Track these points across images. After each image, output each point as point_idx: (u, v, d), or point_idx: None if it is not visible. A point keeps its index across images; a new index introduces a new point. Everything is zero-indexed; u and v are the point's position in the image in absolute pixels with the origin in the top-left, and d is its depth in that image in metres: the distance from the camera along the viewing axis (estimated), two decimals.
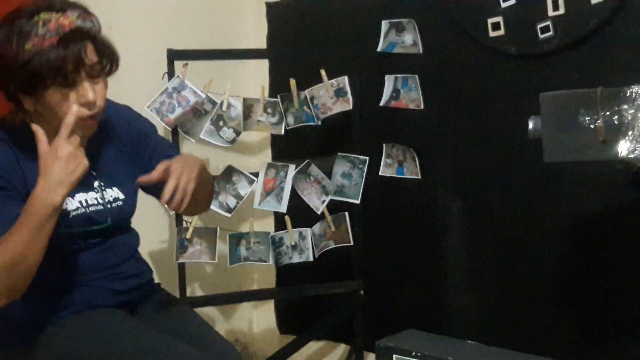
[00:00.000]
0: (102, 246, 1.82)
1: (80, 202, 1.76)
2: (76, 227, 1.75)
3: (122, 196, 1.85)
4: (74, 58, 1.58)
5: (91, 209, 1.78)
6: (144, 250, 2.02)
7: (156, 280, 2.06)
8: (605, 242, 2.39)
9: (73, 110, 1.59)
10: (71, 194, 1.69)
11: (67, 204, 1.71)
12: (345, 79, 2.68)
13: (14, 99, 1.66)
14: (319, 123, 2.71)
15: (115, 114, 1.88)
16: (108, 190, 1.82)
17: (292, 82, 2.69)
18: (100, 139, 1.81)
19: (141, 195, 1.93)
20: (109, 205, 1.81)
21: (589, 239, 2.43)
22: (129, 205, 1.88)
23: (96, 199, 1.79)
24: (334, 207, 2.77)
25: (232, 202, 2.66)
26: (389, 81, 2.66)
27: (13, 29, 1.58)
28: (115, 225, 1.83)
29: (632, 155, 1.72)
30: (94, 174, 1.80)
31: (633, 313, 2.34)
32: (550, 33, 2.38)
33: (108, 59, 1.69)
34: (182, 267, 2.66)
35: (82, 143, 1.68)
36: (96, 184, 1.80)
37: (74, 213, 1.75)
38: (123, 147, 1.88)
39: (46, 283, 1.70)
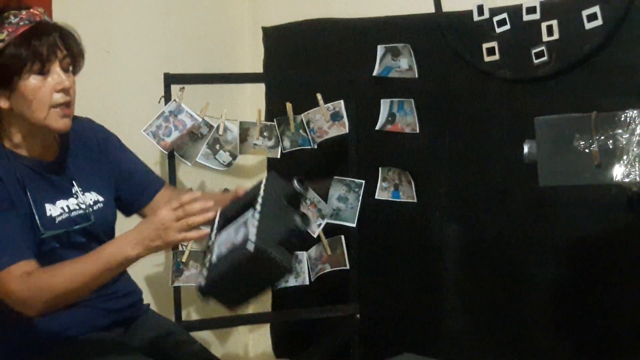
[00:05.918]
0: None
1: (63, 208, 1.78)
2: (60, 229, 1.75)
3: (101, 199, 1.86)
4: (50, 45, 1.66)
5: (74, 213, 1.79)
6: (140, 274, 2.02)
7: (151, 303, 2.05)
8: (600, 265, 2.39)
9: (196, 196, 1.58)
10: (52, 200, 1.75)
11: (50, 210, 1.74)
12: (341, 103, 2.69)
13: None
14: (315, 147, 2.72)
15: (81, 127, 1.90)
16: (87, 194, 1.84)
17: (289, 105, 2.70)
18: (73, 149, 1.85)
19: (135, 218, 1.93)
20: (90, 209, 1.82)
21: (585, 261, 2.43)
22: (110, 207, 1.90)
23: (77, 204, 1.81)
24: (330, 231, 2.77)
25: None
26: (384, 105, 2.67)
27: None
28: (99, 226, 1.83)
29: (626, 180, 1.72)
30: (72, 181, 1.82)
31: (630, 335, 2.34)
32: (545, 58, 2.40)
33: (76, 55, 1.74)
34: (177, 290, 2.65)
35: (55, 147, 1.79)
36: (74, 190, 1.82)
37: (59, 218, 1.76)
38: (94, 155, 1.90)
39: None
